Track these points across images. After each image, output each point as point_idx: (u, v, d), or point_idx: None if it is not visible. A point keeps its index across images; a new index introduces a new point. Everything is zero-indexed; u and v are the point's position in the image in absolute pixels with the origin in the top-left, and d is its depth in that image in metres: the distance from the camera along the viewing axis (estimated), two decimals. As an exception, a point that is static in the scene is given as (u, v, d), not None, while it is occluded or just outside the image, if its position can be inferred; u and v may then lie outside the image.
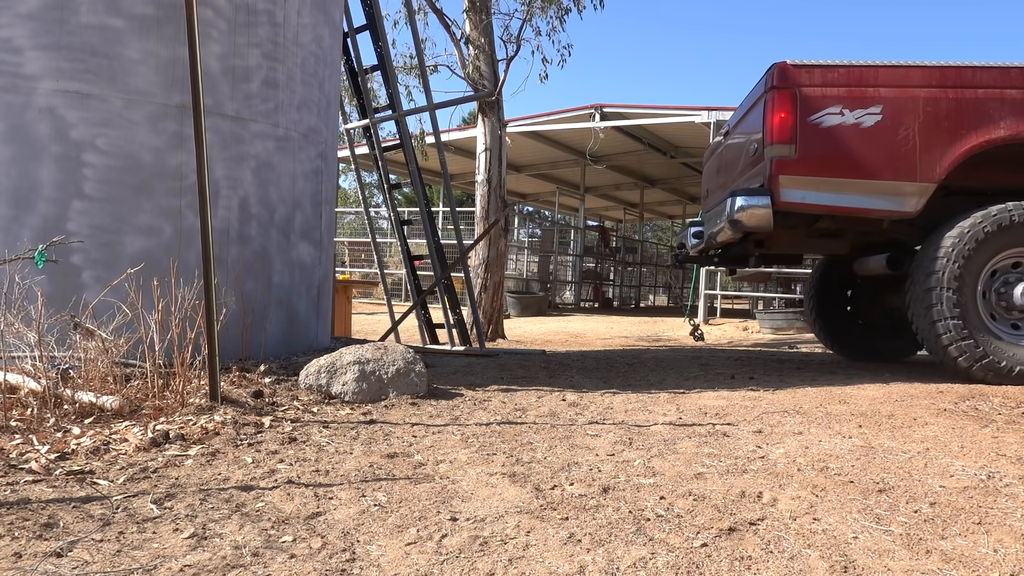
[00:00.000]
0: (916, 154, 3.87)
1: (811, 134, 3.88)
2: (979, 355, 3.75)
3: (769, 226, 3.93)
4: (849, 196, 3.92)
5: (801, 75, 3.93)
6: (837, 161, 3.90)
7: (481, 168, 7.96)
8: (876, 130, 3.88)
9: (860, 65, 3.97)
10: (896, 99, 3.90)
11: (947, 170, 3.86)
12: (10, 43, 3.39)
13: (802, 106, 3.89)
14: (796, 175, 3.89)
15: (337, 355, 3.28)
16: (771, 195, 3.89)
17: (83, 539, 1.51)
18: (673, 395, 3.52)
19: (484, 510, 1.73)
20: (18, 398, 2.60)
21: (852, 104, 3.89)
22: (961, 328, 3.75)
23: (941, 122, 3.87)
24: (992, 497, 1.85)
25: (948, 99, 3.89)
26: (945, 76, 3.93)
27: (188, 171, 3.63)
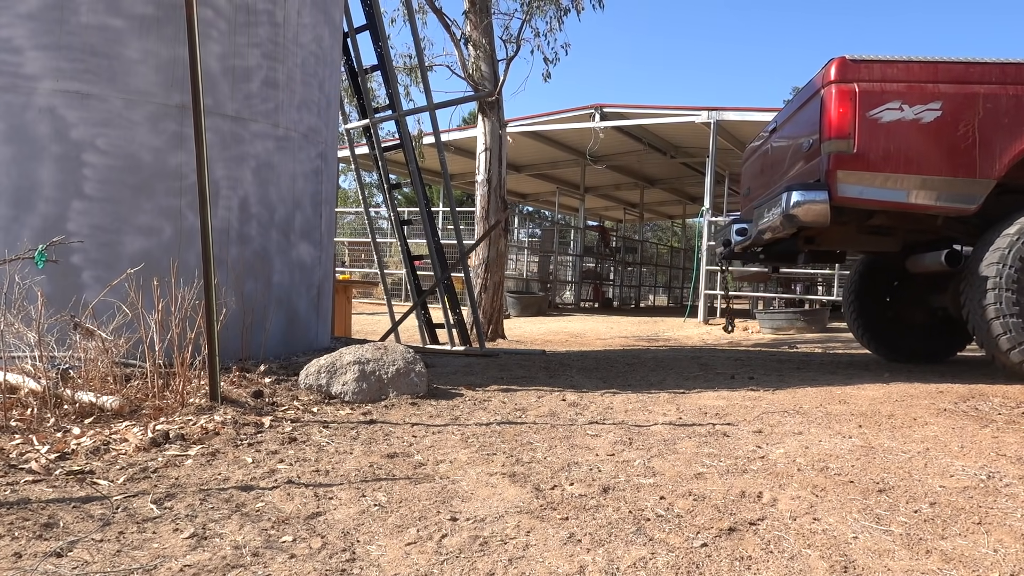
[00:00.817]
0: (975, 150, 3.85)
1: (869, 129, 3.85)
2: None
3: (826, 221, 3.90)
4: (907, 192, 3.88)
5: (860, 70, 3.91)
6: (895, 156, 3.87)
7: (481, 168, 7.96)
8: (935, 126, 3.86)
9: (919, 61, 3.95)
10: (956, 95, 3.88)
11: (1006, 167, 3.83)
12: (10, 43, 3.39)
13: (860, 101, 3.86)
14: (854, 170, 3.86)
15: (337, 355, 3.28)
16: (828, 190, 3.86)
17: (83, 539, 1.51)
18: (673, 395, 3.52)
19: (484, 510, 1.73)
20: (18, 398, 2.60)
21: (911, 99, 3.87)
22: (1020, 326, 3.74)
23: (1000, 119, 3.85)
24: (992, 497, 1.85)
25: (1008, 95, 3.87)
26: (1005, 72, 3.91)
27: (188, 171, 3.63)
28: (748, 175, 5.82)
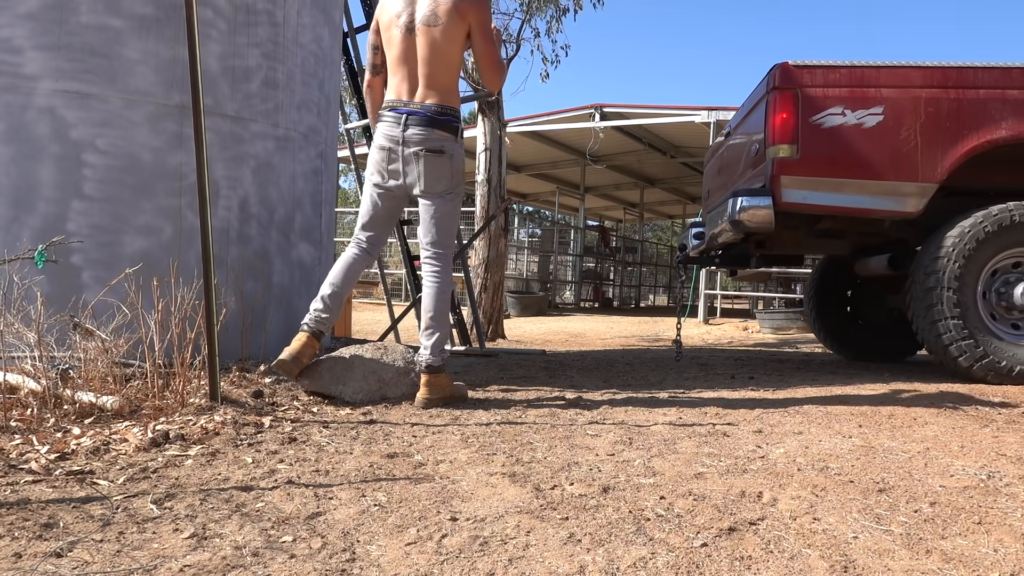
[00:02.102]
0: (917, 154, 3.88)
1: (813, 135, 3.89)
2: (979, 355, 3.76)
3: (771, 227, 3.94)
4: (851, 196, 3.93)
5: (803, 75, 3.94)
6: (839, 161, 3.91)
7: (481, 168, 7.96)
8: (878, 130, 3.89)
9: (861, 65, 3.98)
10: (897, 99, 3.91)
11: (948, 170, 3.87)
12: (10, 43, 3.39)
13: (804, 107, 3.89)
14: (798, 175, 3.90)
15: (337, 355, 3.28)
16: (773, 196, 3.90)
17: (83, 539, 1.51)
18: (673, 395, 3.52)
19: (484, 510, 1.73)
20: (18, 398, 2.60)
21: (854, 104, 3.89)
22: (961, 328, 3.76)
23: (942, 123, 3.89)
24: (992, 497, 1.85)
25: (949, 99, 3.90)
26: (946, 76, 3.94)
27: (188, 171, 3.63)
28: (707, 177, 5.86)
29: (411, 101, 2.96)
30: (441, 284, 3.07)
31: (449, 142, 2.99)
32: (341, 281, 3.11)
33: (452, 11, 2.90)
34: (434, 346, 3.06)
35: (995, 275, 3.95)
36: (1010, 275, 3.93)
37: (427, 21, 2.91)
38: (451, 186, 3.06)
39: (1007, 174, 4.15)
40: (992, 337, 3.80)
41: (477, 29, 2.97)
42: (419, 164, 2.96)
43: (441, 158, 2.98)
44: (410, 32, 2.94)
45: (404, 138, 2.94)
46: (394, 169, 3.00)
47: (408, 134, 2.94)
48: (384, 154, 3.01)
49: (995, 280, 3.95)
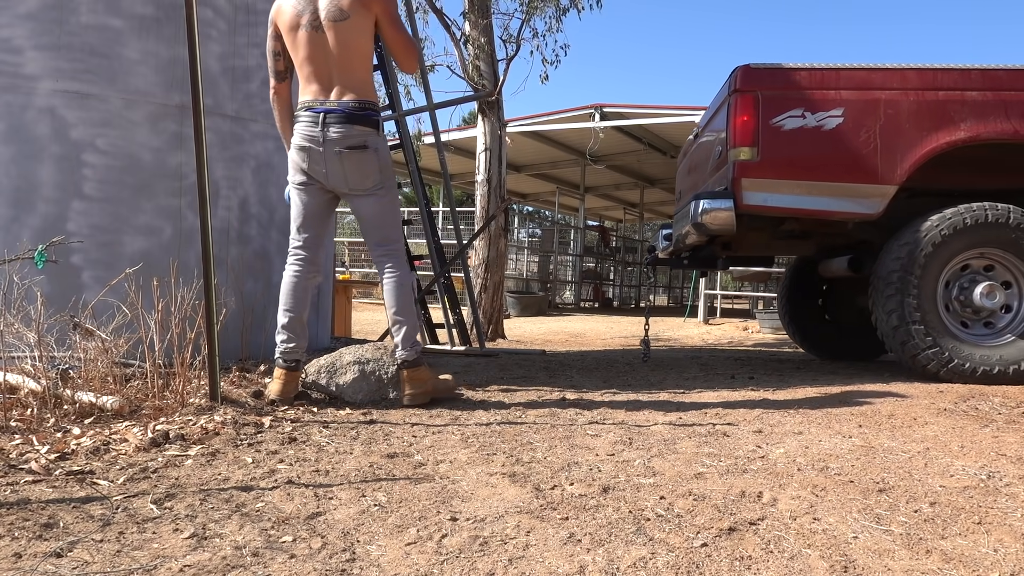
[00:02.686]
0: (877, 156, 3.89)
1: (773, 137, 3.89)
2: (939, 355, 3.76)
3: (732, 229, 3.95)
4: (811, 198, 3.93)
5: (763, 78, 3.94)
6: (799, 164, 3.92)
7: (481, 168, 7.96)
8: (837, 132, 3.89)
9: (822, 67, 3.98)
10: (857, 101, 3.91)
11: (908, 172, 3.87)
12: (10, 43, 3.39)
13: (764, 109, 3.89)
14: (758, 178, 3.90)
15: (337, 355, 3.28)
16: (734, 198, 3.91)
17: (83, 539, 1.51)
18: (673, 395, 3.52)
19: (484, 510, 1.73)
20: (18, 398, 2.60)
21: (814, 107, 3.89)
22: (921, 330, 3.76)
23: (902, 124, 3.89)
24: (992, 497, 1.85)
25: (909, 101, 3.90)
26: (906, 78, 3.93)
27: (188, 171, 3.63)
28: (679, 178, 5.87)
29: (328, 99, 2.88)
30: (398, 279, 3.03)
31: (371, 136, 2.91)
32: (293, 304, 3.03)
33: (356, 3, 2.83)
34: (403, 341, 3.03)
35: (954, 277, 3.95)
36: (970, 276, 3.93)
37: (333, 17, 2.83)
38: (380, 180, 2.97)
39: (970, 175, 4.15)
40: (952, 338, 3.81)
41: (384, 17, 2.90)
42: (342, 163, 2.88)
43: (365, 153, 2.89)
44: (316, 30, 2.85)
45: (324, 137, 2.86)
46: (315, 169, 2.92)
47: (328, 133, 2.86)
48: (304, 154, 2.92)
49: (954, 282, 3.95)
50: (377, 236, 3.04)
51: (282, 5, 2.93)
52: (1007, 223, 3.81)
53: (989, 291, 3.86)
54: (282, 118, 3.07)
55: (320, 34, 2.86)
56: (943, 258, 3.82)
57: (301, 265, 3.05)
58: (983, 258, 3.94)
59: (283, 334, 3.02)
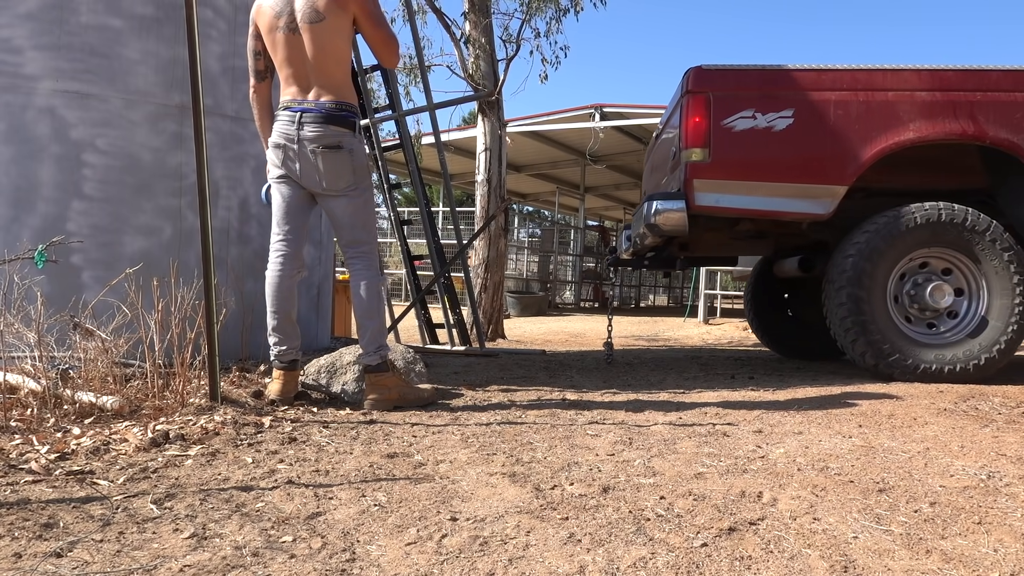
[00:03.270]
0: (826, 157, 3.90)
1: (724, 138, 3.89)
2: (889, 355, 3.77)
3: (685, 230, 3.96)
4: (763, 199, 3.94)
5: (715, 79, 3.95)
6: (750, 164, 3.93)
7: (481, 168, 7.96)
8: (788, 133, 3.90)
9: (773, 68, 3.98)
10: (807, 102, 3.92)
11: (858, 173, 3.87)
12: (10, 43, 3.39)
13: (716, 110, 3.89)
14: (710, 179, 3.91)
15: (337, 355, 3.28)
16: (686, 199, 3.92)
17: (83, 539, 1.51)
18: (673, 395, 3.52)
19: (484, 510, 1.73)
20: (18, 398, 2.60)
21: (764, 107, 3.90)
22: (871, 329, 3.76)
23: (851, 125, 3.89)
24: (992, 497, 1.85)
25: (858, 102, 3.91)
26: (855, 79, 3.94)
27: (188, 171, 3.64)
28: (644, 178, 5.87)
29: (305, 100, 2.89)
30: (366, 281, 3.00)
31: (347, 137, 2.90)
32: (280, 304, 2.99)
33: (332, 4, 2.82)
34: (367, 344, 3.01)
35: (904, 277, 3.96)
36: (918, 276, 3.94)
37: (309, 18, 2.83)
38: (354, 181, 2.96)
39: (923, 175, 4.16)
40: (902, 337, 3.81)
41: (362, 15, 2.88)
42: (318, 162, 2.88)
43: (339, 154, 2.89)
44: (293, 32, 2.85)
45: (299, 136, 2.86)
46: (290, 167, 2.93)
47: (304, 132, 2.86)
48: (280, 152, 2.92)
49: (905, 281, 3.95)
50: (348, 237, 3.02)
51: (262, 5, 2.93)
52: (955, 223, 3.81)
53: (939, 291, 3.88)
54: (261, 117, 3.06)
55: (297, 36, 2.85)
56: (892, 258, 3.83)
57: (283, 261, 3.01)
58: (934, 258, 3.94)
59: (273, 336, 3.01)
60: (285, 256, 3.01)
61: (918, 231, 3.81)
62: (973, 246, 3.82)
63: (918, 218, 3.80)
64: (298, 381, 3.08)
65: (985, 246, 3.81)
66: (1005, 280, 3.80)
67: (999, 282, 3.81)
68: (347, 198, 2.97)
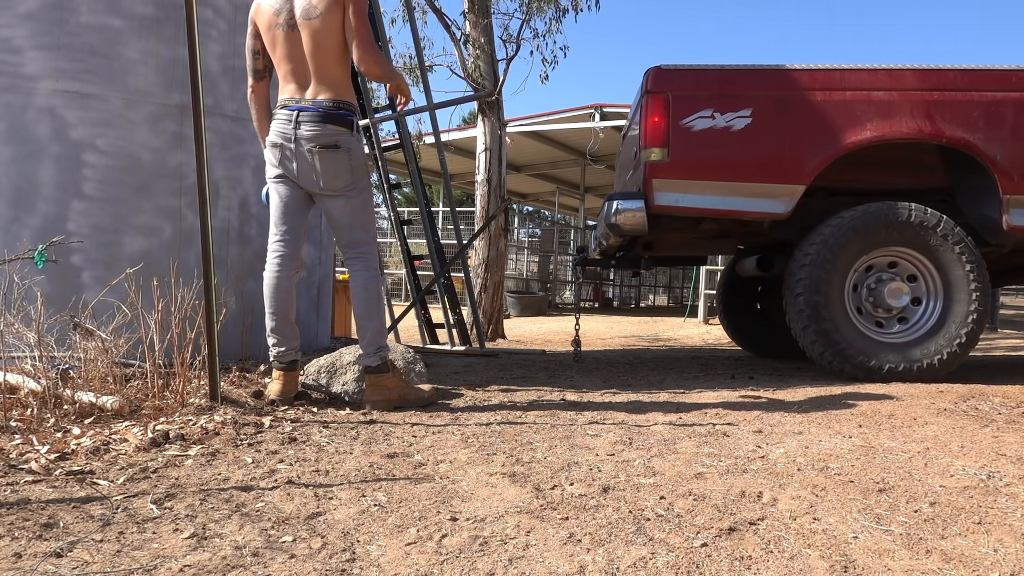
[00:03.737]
0: (785, 156, 3.90)
1: (683, 138, 3.89)
2: (846, 353, 3.76)
3: (645, 230, 3.96)
4: (722, 198, 3.93)
5: (674, 78, 3.95)
6: (709, 164, 3.92)
7: (481, 168, 7.96)
8: (746, 133, 3.89)
9: (731, 68, 3.98)
10: (765, 102, 3.91)
11: (815, 172, 3.87)
12: (10, 43, 3.39)
13: (675, 110, 3.89)
14: (669, 178, 3.91)
15: (337, 355, 3.28)
16: (645, 199, 3.91)
17: (83, 539, 1.51)
18: (673, 395, 3.52)
19: (484, 510, 1.73)
20: (18, 398, 2.60)
21: (723, 107, 3.89)
22: (829, 328, 3.76)
23: (809, 124, 3.89)
24: (992, 497, 1.85)
25: (816, 101, 3.91)
26: (813, 78, 3.93)
27: (188, 171, 3.63)
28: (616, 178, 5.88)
29: (303, 98, 2.87)
30: (365, 282, 3.00)
31: (344, 136, 2.88)
32: (278, 305, 2.98)
33: (330, 1, 2.81)
34: (367, 345, 3.00)
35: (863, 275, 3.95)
36: (879, 274, 3.93)
37: (307, 14, 2.82)
38: (352, 181, 2.93)
39: (885, 174, 4.16)
40: (860, 336, 3.81)
41: (352, 8, 2.84)
42: (315, 161, 2.86)
43: (336, 153, 2.87)
44: (292, 28, 2.84)
45: (296, 136, 2.85)
46: (287, 166, 2.91)
47: (300, 132, 2.84)
48: (277, 151, 2.91)
49: (864, 280, 3.94)
50: (347, 237, 3.00)
51: (261, 4, 2.92)
52: (912, 222, 3.81)
53: (897, 290, 3.87)
54: (259, 116, 3.05)
55: (295, 33, 2.84)
56: (850, 256, 3.82)
57: (281, 262, 2.99)
58: (891, 256, 3.93)
59: (272, 337, 3.00)
60: (282, 257, 2.99)
61: (874, 231, 3.81)
62: (927, 244, 3.82)
63: (872, 218, 3.80)
64: (298, 381, 3.08)
65: (939, 243, 3.80)
66: (960, 277, 3.80)
67: (954, 278, 3.81)
68: (345, 198, 2.95)
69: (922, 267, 3.90)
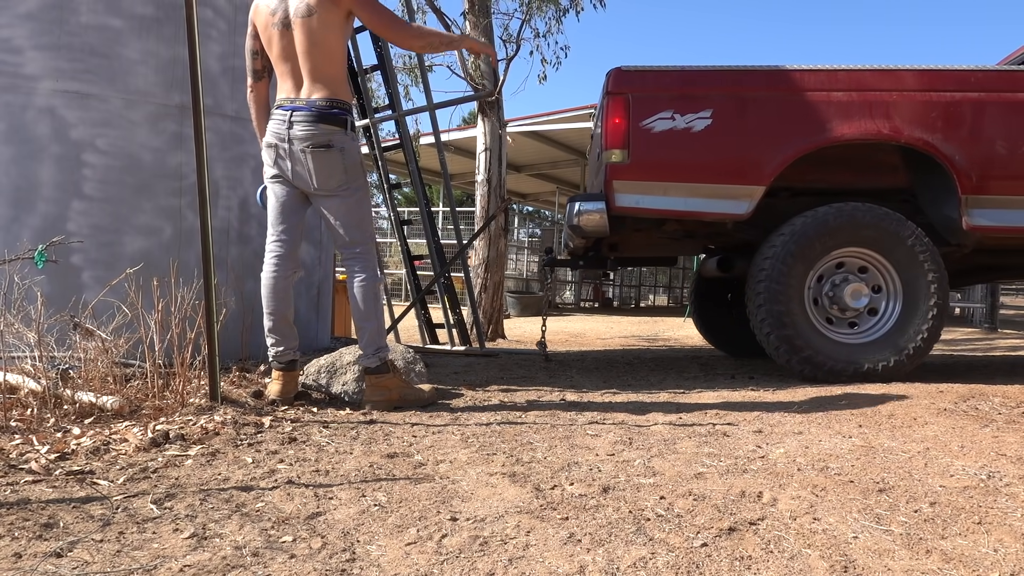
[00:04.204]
0: (744, 157, 3.89)
1: (643, 139, 3.88)
2: (807, 355, 3.76)
3: (606, 231, 3.96)
4: (683, 199, 3.92)
5: (635, 80, 3.94)
6: (669, 165, 3.91)
7: (481, 168, 7.96)
8: (706, 134, 3.88)
9: (691, 69, 3.98)
10: (725, 103, 3.90)
11: (776, 172, 3.86)
12: (10, 43, 3.39)
13: (635, 111, 3.88)
14: (630, 180, 3.90)
15: (337, 355, 3.28)
16: (606, 200, 3.91)
17: (83, 539, 1.51)
18: (673, 395, 3.52)
19: (484, 510, 1.73)
20: (18, 398, 2.60)
21: (683, 108, 3.88)
22: (790, 331, 3.76)
23: (768, 125, 3.88)
24: (992, 497, 1.85)
25: (775, 103, 3.90)
26: (772, 79, 3.93)
27: (188, 171, 3.63)
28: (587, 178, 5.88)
29: (297, 98, 2.87)
30: (363, 282, 2.98)
31: (337, 135, 2.86)
32: (276, 305, 2.99)
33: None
34: (366, 347, 3.00)
35: (822, 277, 3.94)
36: (836, 276, 3.93)
37: (301, 13, 2.82)
38: (346, 180, 2.91)
39: (847, 174, 4.15)
40: (819, 337, 3.80)
41: (356, 6, 2.85)
42: (308, 161, 2.86)
43: (330, 152, 2.85)
44: (287, 27, 2.85)
45: (290, 136, 2.85)
46: (282, 165, 2.91)
47: (293, 132, 2.84)
48: (272, 151, 2.92)
49: (824, 281, 3.93)
50: (343, 238, 2.98)
51: (259, 4, 2.93)
52: (868, 223, 3.80)
53: (856, 291, 3.86)
54: (258, 116, 3.06)
55: (290, 31, 2.85)
56: (811, 257, 3.82)
57: (277, 262, 2.99)
58: (853, 258, 3.93)
59: (270, 337, 3.00)
60: (279, 257, 2.99)
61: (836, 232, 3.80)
62: (884, 244, 3.81)
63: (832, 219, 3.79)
64: (298, 381, 3.08)
65: (895, 243, 3.80)
66: (918, 275, 3.80)
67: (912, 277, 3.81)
68: (339, 197, 2.92)
69: (883, 269, 3.89)
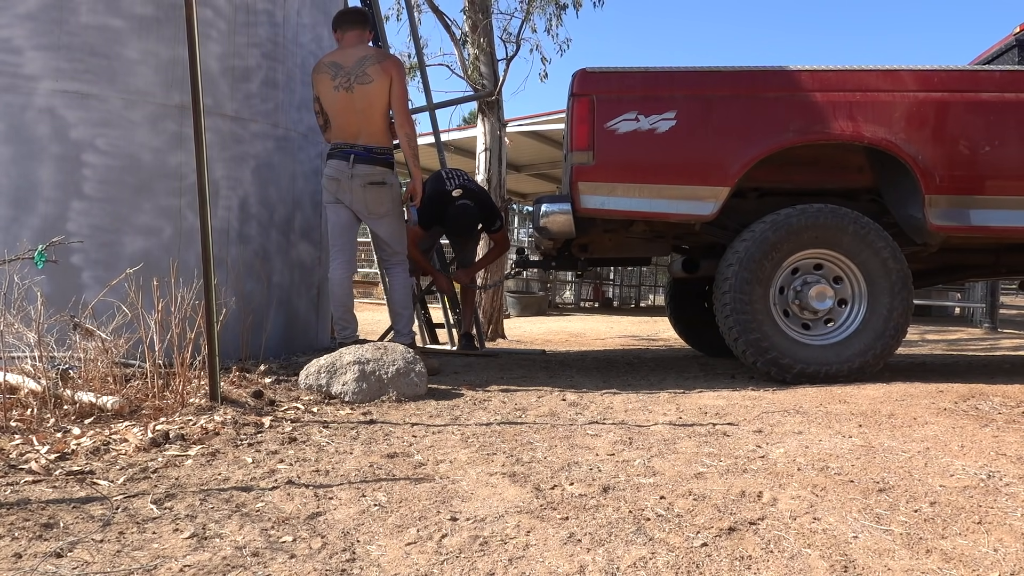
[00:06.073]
0: (708, 158, 3.88)
1: (607, 141, 3.87)
2: (774, 357, 3.76)
3: (572, 232, 3.96)
4: (648, 201, 3.90)
5: (599, 81, 3.93)
6: (634, 167, 3.90)
7: (481, 168, 7.96)
8: (670, 135, 3.87)
9: (656, 71, 3.97)
10: (690, 104, 3.89)
11: (740, 173, 3.84)
12: (10, 43, 3.39)
13: (599, 113, 3.87)
14: (594, 181, 3.89)
15: (337, 355, 3.28)
16: (572, 202, 3.91)
17: (83, 539, 1.51)
18: (673, 395, 3.52)
19: (484, 510, 1.73)
20: (18, 398, 2.60)
21: (647, 110, 3.87)
22: (755, 330, 3.76)
23: (733, 126, 3.87)
24: (992, 496, 1.85)
25: (739, 104, 3.89)
26: (736, 80, 3.92)
27: (188, 171, 3.63)
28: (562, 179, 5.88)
29: (356, 144, 3.76)
30: (405, 281, 4.03)
31: (388, 174, 3.85)
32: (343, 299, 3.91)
33: (379, 70, 3.73)
34: (403, 327, 4.00)
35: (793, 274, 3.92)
36: (806, 276, 3.91)
37: (361, 81, 3.72)
38: (391, 208, 3.91)
39: (814, 174, 4.14)
40: (784, 338, 3.80)
41: (397, 81, 3.79)
42: (365, 193, 3.79)
43: (382, 188, 3.83)
44: (348, 91, 3.72)
45: (352, 173, 3.75)
46: (343, 196, 3.81)
47: (355, 170, 3.75)
48: (335, 183, 3.80)
49: (792, 281, 3.91)
50: (387, 250, 4.01)
51: (319, 72, 3.78)
52: (834, 225, 3.78)
53: (821, 293, 3.85)
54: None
55: (351, 94, 3.72)
56: (777, 258, 3.80)
57: (343, 265, 3.88)
58: (817, 259, 3.91)
59: (339, 324, 3.87)
60: (342, 262, 3.89)
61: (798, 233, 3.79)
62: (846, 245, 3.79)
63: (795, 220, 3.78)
64: None
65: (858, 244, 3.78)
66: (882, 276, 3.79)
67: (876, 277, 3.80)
68: (386, 220, 3.92)
69: (848, 270, 3.89)
